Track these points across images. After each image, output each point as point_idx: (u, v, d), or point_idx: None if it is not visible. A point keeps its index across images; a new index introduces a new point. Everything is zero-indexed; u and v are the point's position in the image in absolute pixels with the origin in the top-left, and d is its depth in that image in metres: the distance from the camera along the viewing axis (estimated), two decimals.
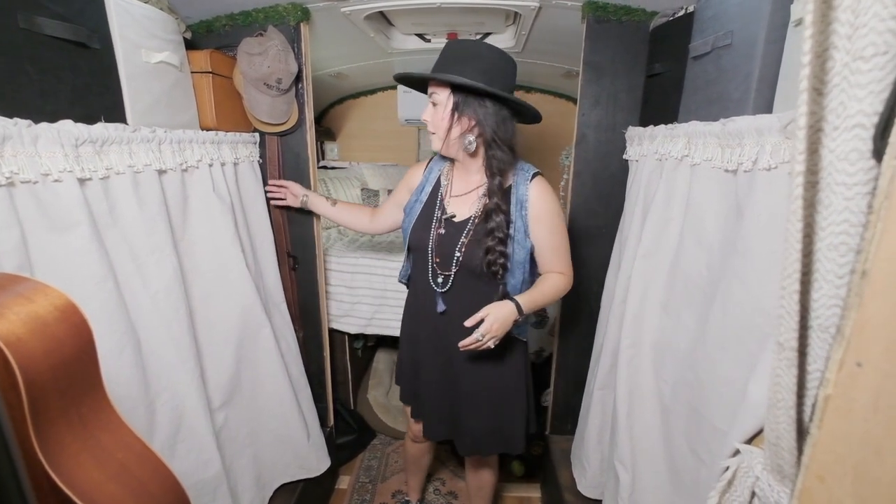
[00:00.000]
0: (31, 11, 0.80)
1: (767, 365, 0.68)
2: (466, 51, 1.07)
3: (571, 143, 1.57)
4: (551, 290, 1.18)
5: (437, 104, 1.09)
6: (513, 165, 1.14)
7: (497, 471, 1.56)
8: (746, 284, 0.81)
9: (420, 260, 1.22)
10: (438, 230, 1.17)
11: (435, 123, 1.10)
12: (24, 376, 0.48)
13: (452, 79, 1.03)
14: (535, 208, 1.12)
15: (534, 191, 1.12)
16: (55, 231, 0.81)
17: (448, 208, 1.18)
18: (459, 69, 1.04)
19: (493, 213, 1.09)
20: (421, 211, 1.21)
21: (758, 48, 0.85)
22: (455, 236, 1.15)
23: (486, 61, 1.06)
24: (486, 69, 1.05)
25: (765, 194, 0.78)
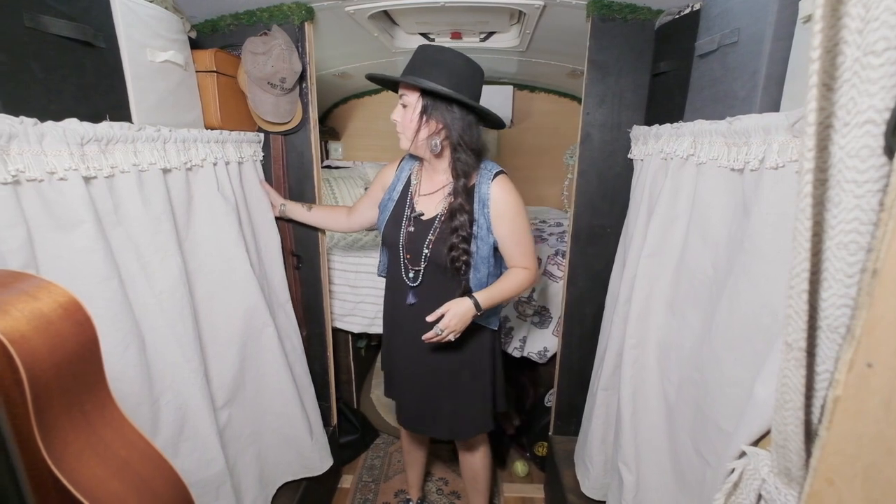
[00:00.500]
0: (37, 10, 0.81)
1: (775, 365, 0.68)
2: (436, 56, 1.12)
3: (576, 143, 1.57)
4: (511, 285, 1.24)
5: (406, 106, 1.15)
6: (476, 167, 1.20)
7: (489, 464, 1.57)
8: (754, 283, 0.80)
9: (393, 255, 1.30)
10: (408, 228, 1.24)
11: (404, 124, 1.16)
12: (28, 373, 0.48)
13: (422, 83, 1.09)
14: (497, 206, 1.17)
15: (495, 189, 1.18)
16: (60, 229, 0.81)
17: (417, 206, 1.26)
18: (429, 73, 1.10)
19: (457, 212, 1.16)
20: (393, 209, 1.28)
21: (765, 46, 0.84)
22: (423, 234, 1.22)
23: (454, 68, 1.12)
24: (454, 75, 1.11)
25: (772, 193, 0.77)
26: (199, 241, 1.19)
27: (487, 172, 1.20)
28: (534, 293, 1.92)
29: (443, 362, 1.32)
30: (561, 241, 2.14)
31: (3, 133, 0.70)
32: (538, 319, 1.94)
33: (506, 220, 1.18)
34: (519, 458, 2.10)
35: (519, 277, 1.24)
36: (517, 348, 1.93)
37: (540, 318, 1.94)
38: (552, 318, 1.94)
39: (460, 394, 1.34)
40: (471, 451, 1.52)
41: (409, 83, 1.11)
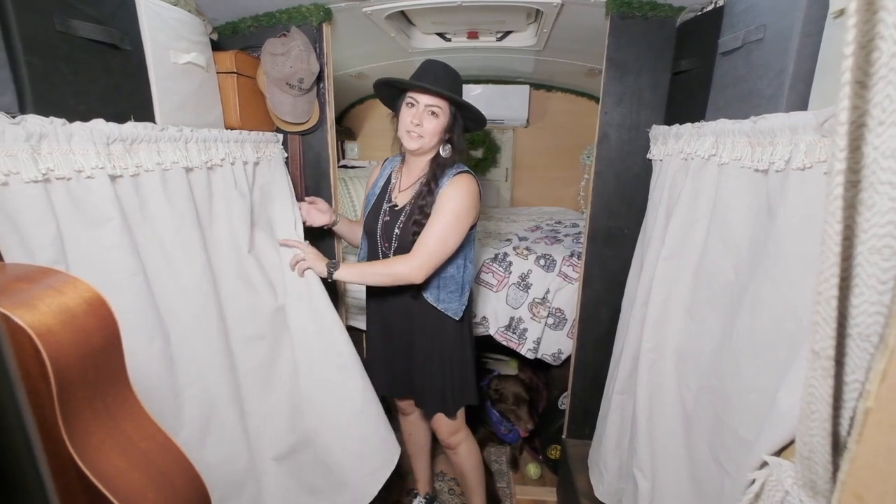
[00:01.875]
0: (67, 15, 0.84)
1: (799, 373, 0.65)
2: (449, 71, 1.27)
3: (593, 143, 1.54)
4: (379, 268, 1.29)
5: (438, 116, 1.24)
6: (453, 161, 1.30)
7: (475, 463, 1.56)
8: (777, 288, 0.78)
9: (371, 243, 1.41)
10: (384, 218, 1.35)
11: (433, 130, 1.25)
12: (54, 366, 0.50)
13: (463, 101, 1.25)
14: (440, 197, 1.25)
15: (449, 182, 1.25)
16: (89, 226, 0.83)
17: (394, 199, 1.37)
18: (454, 87, 1.24)
19: (424, 193, 1.27)
20: (374, 202, 1.40)
21: (792, 42, 0.81)
22: (395, 220, 1.32)
23: (456, 80, 1.27)
24: (458, 87, 1.27)
25: (798, 195, 0.74)
26: (222, 238, 1.21)
27: (452, 171, 1.28)
28: (548, 294, 1.90)
29: (412, 338, 1.40)
30: (576, 242, 2.12)
31: (34, 133, 0.73)
32: (553, 321, 1.92)
33: (436, 210, 1.24)
34: (531, 461, 2.08)
35: (392, 265, 1.26)
36: (531, 349, 1.92)
37: (555, 320, 1.92)
38: (567, 319, 1.91)
39: (423, 370, 1.41)
40: (451, 449, 1.54)
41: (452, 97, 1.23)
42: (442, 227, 1.22)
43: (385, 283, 1.28)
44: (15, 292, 0.51)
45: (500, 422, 2.13)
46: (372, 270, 1.30)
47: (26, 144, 0.70)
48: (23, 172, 0.69)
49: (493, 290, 1.94)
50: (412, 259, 1.23)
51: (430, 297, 1.34)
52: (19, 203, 0.70)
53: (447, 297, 1.34)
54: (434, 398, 1.43)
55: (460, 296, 1.37)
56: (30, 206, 0.71)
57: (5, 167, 0.67)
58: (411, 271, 1.22)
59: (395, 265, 1.25)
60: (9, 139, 0.69)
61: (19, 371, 0.50)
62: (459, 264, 1.34)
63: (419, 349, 1.40)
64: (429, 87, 1.21)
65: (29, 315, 0.49)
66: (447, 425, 1.47)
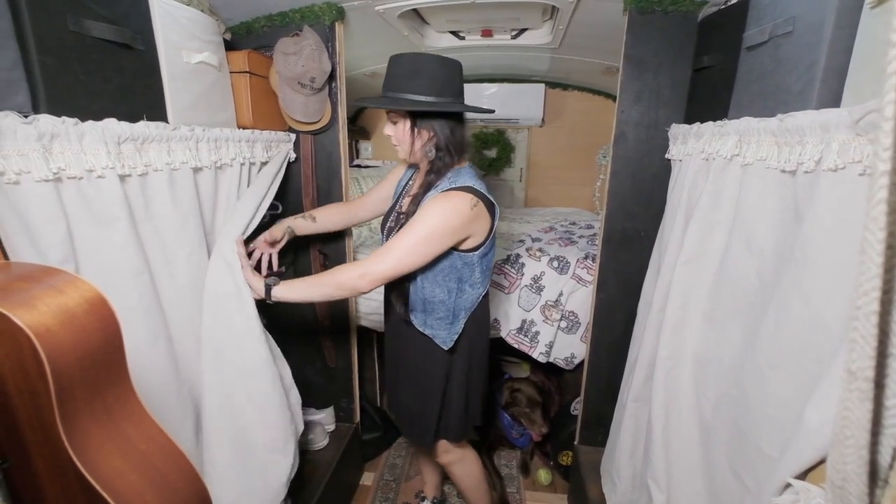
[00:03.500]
0: (80, 15, 0.84)
1: (828, 389, 0.61)
2: (413, 66, 1.09)
3: (609, 142, 1.50)
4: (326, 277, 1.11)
5: (396, 122, 1.15)
6: (452, 166, 1.16)
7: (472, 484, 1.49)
8: (804, 296, 0.73)
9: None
10: (390, 224, 1.28)
11: (398, 139, 1.16)
12: (52, 366, 0.49)
13: (403, 105, 1.09)
14: (422, 206, 1.12)
15: (436, 195, 1.11)
16: (98, 225, 0.84)
17: (403, 206, 1.28)
18: (409, 85, 1.08)
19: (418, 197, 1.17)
20: (391, 205, 1.34)
21: (825, 34, 0.76)
22: (398, 226, 1.23)
23: (433, 72, 1.09)
24: (435, 80, 1.08)
25: (829, 198, 0.70)
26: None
27: (449, 182, 1.12)
28: (561, 297, 1.86)
29: (402, 361, 1.35)
30: (591, 244, 2.07)
31: (46, 132, 0.73)
32: (566, 324, 1.88)
33: (412, 220, 1.09)
34: (543, 467, 2.04)
35: (336, 273, 1.09)
36: (543, 353, 1.88)
37: (568, 324, 1.88)
38: (581, 323, 1.87)
39: (414, 399, 1.33)
40: (446, 467, 1.47)
41: (391, 107, 1.11)
42: (407, 240, 1.06)
43: (332, 294, 1.10)
44: (15, 292, 0.51)
45: (511, 425, 2.10)
46: (316, 282, 1.12)
47: (38, 144, 0.71)
48: (34, 172, 0.69)
49: (505, 292, 1.91)
50: (360, 266, 1.07)
51: (415, 321, 1.23)
52: (30, 202, 0.70)
53: (435, 323, 1.21)
54: (420, 430, 1.34)
55: (451, 323, 1.22)
56: (40, 205, 0.71)
57: (17, 166, 0.67)
58: (356, 279, 1.06)
59: (338, 273, 1.09)
60: (21, 138, 0.69)
61: (18, 371, 0.50)
62: (451, 288, 1.18)
63: (406, 373, 1.33)
64: (363, 103, 1.16)
65: (28, 315, 0.49)
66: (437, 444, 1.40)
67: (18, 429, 0.53)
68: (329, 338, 1.81)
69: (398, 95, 1.09)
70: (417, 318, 1.24)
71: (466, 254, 1.16)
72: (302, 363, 1.88)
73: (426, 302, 1.21)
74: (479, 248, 1.16)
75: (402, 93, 1.08)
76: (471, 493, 1.51)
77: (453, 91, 1.12)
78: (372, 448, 2.11)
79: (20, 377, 0.50)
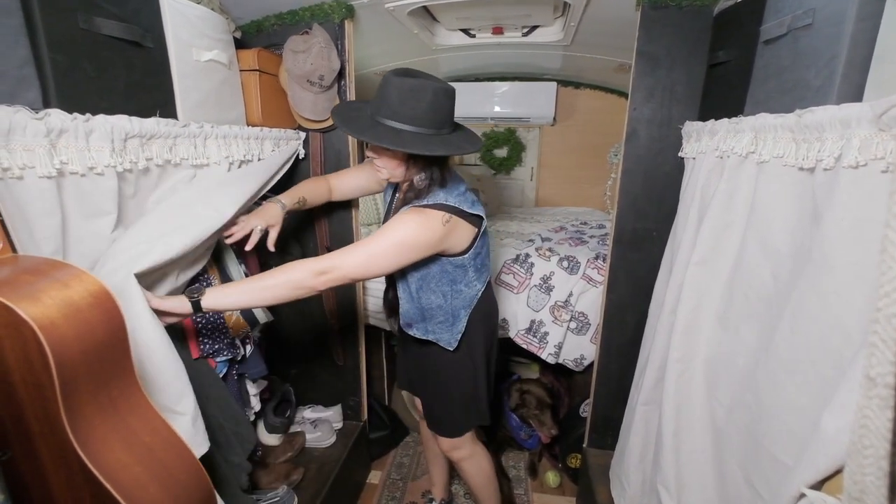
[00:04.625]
0: (91, 12, 0.85)
1: (846, 395, 0.59)
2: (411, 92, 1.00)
3: (621, 140, 1.47)
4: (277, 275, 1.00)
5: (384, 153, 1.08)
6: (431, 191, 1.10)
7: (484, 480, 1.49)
8: (822, 299, 0.70)
9: None
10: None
11: (387, 165, 1.10)
12: (56, 358, 0.50)
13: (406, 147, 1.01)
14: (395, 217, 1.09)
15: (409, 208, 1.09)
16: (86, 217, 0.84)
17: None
18: (406, 114, 1.01)
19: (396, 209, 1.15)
20: (386, 210, 1.33)
21: (846, 27, 0.74)
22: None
23: (430, 102, 1.01)
24: (433, 111, 1.02)
25: (849, 196, 0.67)
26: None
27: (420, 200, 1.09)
28: (571, 297, 1.84)
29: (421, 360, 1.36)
30: (602, 243, 2.04)
31: (55, 128, 0.74)
32: (575, 325, 1.86)
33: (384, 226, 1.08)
34: (551, 469, 2.02)
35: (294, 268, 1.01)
36: (552, 354, 1.86)
37: (577, 325, 1.85)
38: (591, 324, 1.84)
39: (425, 388, 1.39)
40: (456, 464, 1.47)
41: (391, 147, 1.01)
42: (368, 246, 1.03)
43: (286, 295, 1.01)
44: (21, 285, 0.51)
45: (519, 427, 2.08)
46: (261, 285, 1.01)
47: (45, 140, 0.72)
48: (38, 167, 0.70)
49: (514, 292, 1.89)
50: (318, 262, 1.00)
51: (415, 332, 1.25)
52: (31, 196, 0.71)
53: (436, 328, 1.23)
54: (432, 418, 1.40)
55: (452, 325, 1.22)
56: (40, 199, 0.72)
57: (21, 161, 0.68)
58: (313, 277, 0.99)
59: (291, 271, 1.00)
60: (29, 134, 0.70)
61: (23, 363, 0.51)
62: (445, 292, 1.18)
63: (421, 367, 1.38)
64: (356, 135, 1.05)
65: (32, 308, 0.49)
66: (447, 440, 1.41)
67: (24, 420, 0.54)
68: (337, 336, 1.81)
69: (394, 125, 1.01)
70: (419, 329, 1.26)
71: (455, 258, 1.15)
72: (310, 360, 1.89)
73: (424, 310, 1.22)
74: (467, 252, 1.15)
75: (398, 122, 1.01)
76: (481, 490, 1.51)
77: (449, 121, 1.08)
78: (379, 447, 2.11)
79: (25, 369, 0.51)
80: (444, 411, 1.36)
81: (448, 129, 1.08)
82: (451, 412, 1.35)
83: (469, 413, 1.35)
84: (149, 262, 0.86)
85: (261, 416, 1.62)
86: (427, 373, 1.36)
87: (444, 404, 1.35)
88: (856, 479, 0.35)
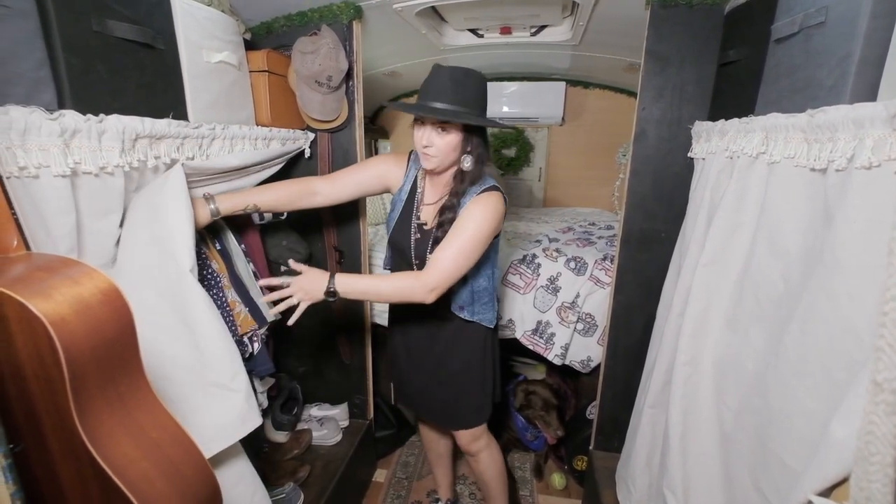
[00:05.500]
0: (104, 15, 0.87)
1: (856, 400, 0.58)
2: (460, 78, 1.08)
3: (630, 140, 1.46)
4: (385, 284, 1.13)
5: (443, 133, 1.11)
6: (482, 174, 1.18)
7: (499, 471, 1.51)
8: (833, 302, 0.69)
9: (399, 258, 1.32)
10: (415, 235, 1.25)
11: (443, 150, 1.12)
12: (66, 354, 0.51)
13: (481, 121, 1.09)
14: (463, 213, 1.14)
15: (473, 199, 1.15)
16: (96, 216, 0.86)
17: (421, 216, 1.26)
18: (459, 97, 1.07)
19: (446, 209, 1.17)
20: (402, 210, 1.27)
21: (860, 25, 0.72)
22: (426, 242, 1.22)
23: (476, 88, 1.09)
24: (477, 96, 1.10)
25: (862, 197, 0.66)
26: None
27: (478, 188, 1.16)
28: (578, 298, 1.83)
29: (438, 354, 1.35)
30: (610, 244, 2.02)
31: (69, 128, 0.76)
32: (582, 327, 1.84)
33: (458, 225, 1.12)
34: (557, 471, 2.01)
35: (401, 281, 1.12)
36: (559, 355, 1.85)
37: (584, 326, 1.84)
38: (598, 326, 1.83)
39: (453, 387, 1.36)
40: (472, 456, 1.48)
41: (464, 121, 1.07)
42: (459, 247, 1.10)
43: (393, 301, 1.18)
44: (34, 281, 0.53)
45: (525, 428, 2.07)
46: (385, 288, 1.13)
47: (59, 140, 0.73)
48: (53, 166, 0.72)
49: (520, 293, 1.88)
50: (426, 278, 1.09)
51: (465, 315, 1.28)
52: (47, 194, 0.73)
53: (481, 308, 1.30)
54: (457, 414, 1.39)
55: (493, 304, 1.32)
56: (55, 198, 0.74)
57: (37, 161, 0.70)
58: (425, 294, 1.09)
59: (410, 285, 1.10)
60: (44, 134, 0.72)
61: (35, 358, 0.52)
62: (488, 274, 1.28)
63: (447, 367, 1.34)
64: (425, 114, 1.08)
65: (44, 304, 0.50)
66: (468, 433, 1.41)
67: (36, 413, 0.55)
68: (344, 334, 1.83)
69: (453, 107, 1.07)
70: (467, 312, 1.28)
71: (496, 239, 1.23)
72: (317, 358, 1.90)
73: (474, 293, 1.27)
74: (499, 234, 1.23)
75: (453, 104, 1.07)
76: (496, 481, 1.52)
77: (485, 104, 1.15)
78: (384, 445, 2.12)
79: (37, 364, 0.52)
80: (469, 400, 1.36)
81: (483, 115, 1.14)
82: (475, 400, 1.36)
83: (487, 396, 1.39)
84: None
85: (268, 413, 1.64)
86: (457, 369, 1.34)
87: (468, 393, 1.36)
88: (862, 487, 0.35)
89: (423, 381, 1.40)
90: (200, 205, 1.08)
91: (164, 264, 0.92)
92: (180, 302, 0.93)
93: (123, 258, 0.92)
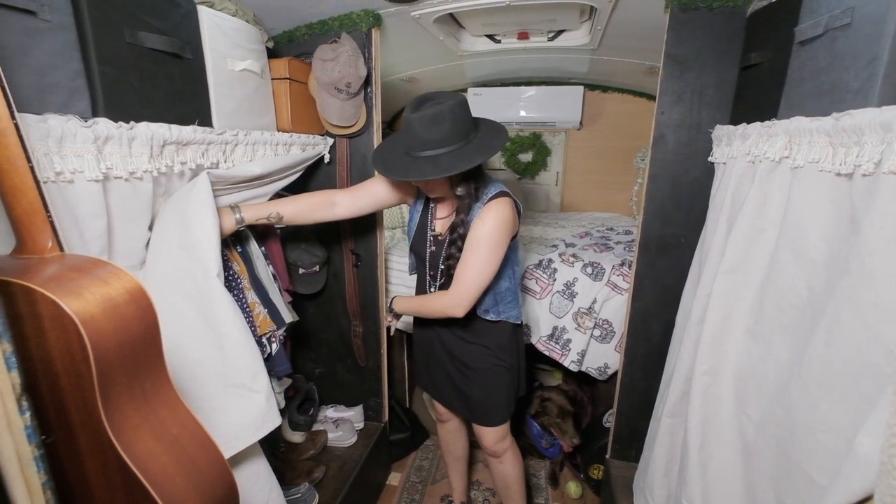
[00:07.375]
0: (136, 27, 0.91)
1: (885, 413, 0.55)
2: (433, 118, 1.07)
3: (648, 144, 1.44)
4: (429, 303, 1.31)
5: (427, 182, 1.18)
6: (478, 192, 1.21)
7: (519, 474, 1.52)
8: (860, 311, 0.67)
9: (420, 266, 1.39)
10: (430, 247, 1.32)
11: (434, 188, 1.22)
12: (95, 352, 0.53)
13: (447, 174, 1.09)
14: (473, 228, 1.18)
15: (481, 212, 1.18)
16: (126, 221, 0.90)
17: (436, 228, 1.33)
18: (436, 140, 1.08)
19: (457, 226, 1.22)
20: (419, 221, 1.35)
21: (888, 26, 0.70)
22: (439, 252, 1.29)
23: (449, 123, 1.08)
24: (453, 130, 1.09)
25: (890, 203, 0.63)
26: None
27: (485, 197, 1.20)
28: (595, 304, 1.81)
29: (465, 355, 1.38)
30: (628, 250, 1.99)
31: (102, 135, 0.79)
32: (599, 333, 1.82)
33: (471, 241, 1.18)
34: (573, 479, 1.98)
35: (436, 301, 1.27)
36: (575, 362, 1.83)
37: (602, 332, 1.82)
38: (615, 332, 1.80)
39: (482, 384, 1.38)
40: (497, 457, 1.48)
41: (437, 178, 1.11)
42: (477, 261, 1.17)
43: (433, 316, 1.32)
44: (67, 281, 0.55)
45: (540, 435, 2.05)
46: (426, 307, 1.32)
47: (93, 146, 0.77)
48: (87, 171, 0.75)
49: (537, 298, 1.87)
50: (453, 297, 1.21)
51: (491, 317, 1.32)
52: (81, 198, 0.77)
53: (506, 308, 1.33)
54: (484, 410, 1.40)
55: (517, 301, 1.36)
56: (89, 202, 0.78)
57: (72, 166, 0.74)
58: (454, 310, 1.22)
59: (443, 303, 1.25)
60: (79, 141, 0.76)
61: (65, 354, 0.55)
62: (509, 274, 1.32)
63: (475, 367, 1.37)
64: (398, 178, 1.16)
65: (75, 303, 0.53)
66: (494, 432, 1.42)
67: (65, 407, 0.57)
68: (360, 337, 1.85)
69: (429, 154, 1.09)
70: (492, 314, 1.32)
71: (513, 240, 1.27)
72: (333, 361, 1.92)
73: (497, 295, 1.31)
74: (516, 235, 1.28)
75: (431, 150, 1.09)
76: (517, 484, 1.52)
77: (471, 127, 1.14)
78: (399, 449, 2.12)
79: (67, 360, 0.54)
80: (498, 396, 1.39)
81: (473, 132, 1.14)
82: (503, 396, 1.39)
83: (513, 391, 1.42)
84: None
85: (284, 414, 1.66)
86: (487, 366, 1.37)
87: (497, 389, 1.38)
88: (886, 502, 0.33)
89: (452, 377, 1.43)
90: (226, 213, 1.13)
91: (192, 269, 0.96)
92: (206, 305, 0.96)
93: (152, 261, 0.96)
